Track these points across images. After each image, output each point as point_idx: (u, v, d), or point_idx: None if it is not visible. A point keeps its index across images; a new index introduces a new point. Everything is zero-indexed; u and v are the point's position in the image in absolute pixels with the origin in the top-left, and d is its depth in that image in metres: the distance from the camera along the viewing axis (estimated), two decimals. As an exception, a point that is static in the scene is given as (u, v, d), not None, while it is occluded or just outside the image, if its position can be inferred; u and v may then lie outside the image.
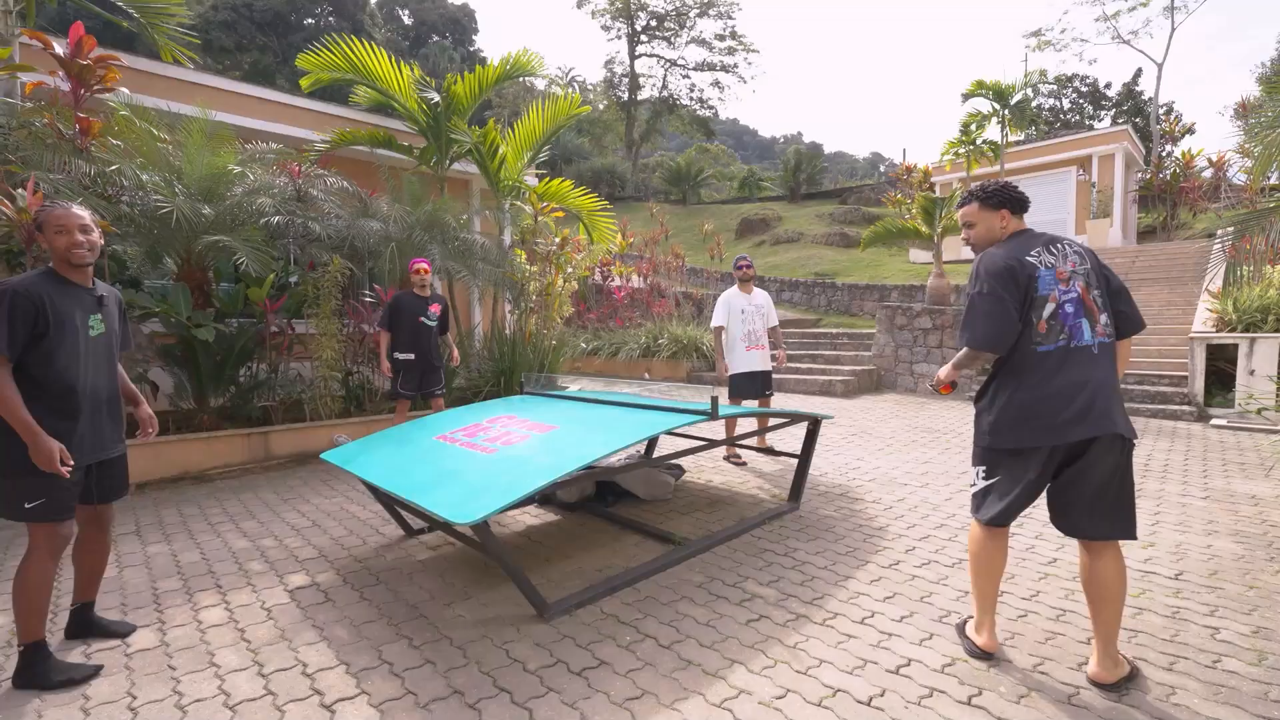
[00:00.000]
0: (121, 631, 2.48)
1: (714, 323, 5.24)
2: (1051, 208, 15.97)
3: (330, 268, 5.65)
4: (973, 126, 13.75)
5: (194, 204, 4.91)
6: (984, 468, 2.21)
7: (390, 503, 3.51)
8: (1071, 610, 2.56)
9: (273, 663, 2.27)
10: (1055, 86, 29.08)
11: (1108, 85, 29.15)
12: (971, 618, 2.37)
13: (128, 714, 1.99)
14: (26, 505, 2.12)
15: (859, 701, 1.99)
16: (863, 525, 3.61)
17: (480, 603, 2.71)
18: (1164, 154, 17.48)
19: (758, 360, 5.14)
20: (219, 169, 5.29)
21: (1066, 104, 30.14)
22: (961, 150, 13.94)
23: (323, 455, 3.35)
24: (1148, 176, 15.83)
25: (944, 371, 2.34)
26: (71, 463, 2.13)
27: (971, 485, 2.27)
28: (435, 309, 5.19)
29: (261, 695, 2.08)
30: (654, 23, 34.38)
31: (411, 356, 5.06)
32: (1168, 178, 15.28)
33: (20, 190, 4.00)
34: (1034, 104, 24.51)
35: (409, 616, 2.60)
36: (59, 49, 4.55)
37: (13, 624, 2.21)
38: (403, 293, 5.20)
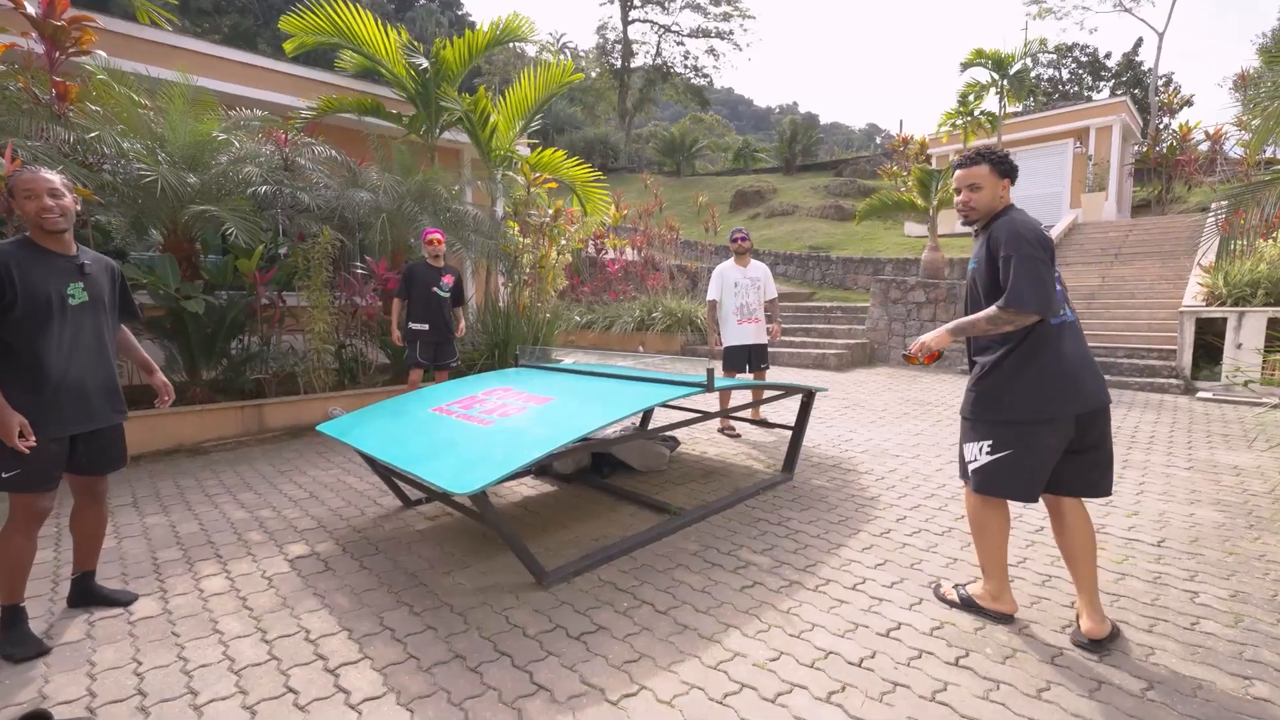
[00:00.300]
0: (123, 600, 2.50)
1: (708, 296, 5.26)
2: (1048, 180, 15.89)
3: (320, 239, 5.57)
4: (971, 97, 13.55)
5: (179, 173, 4.80)
6: (989, 443, 2.15)
7: (388, 474, 3.53)
8: (1057, 576, 2.63)
9: (275, 629, 2.31)
10: (1055, 56, 28.68)
11: (1108, 55, 28.81)
12: (948, 583, 2.52)
13: (134, 679, 2.02)
14: (3, 475, 2.10)
15: (850, 663, 2.05)
16: (855, 495, 3.67)
17: (479, 571, 2.75)
18: (1161, 126, 17.37)
19: (750, 334, 5.14)
20: (203, 136, 5.16)
21: (1065, 74, 29.78)
22: (959, 121, 13.76)
23: (319, 427, 3.35)
24: (1144, 149, 15.75)
25: (933, 337, 2.22)
26: (33, 440, 2.07)
27: (970, 461, 2.22)
28: (448, 280, 5.19)
29: (266, 660, 2.11)
30: (648, -14, 33.45)
31: (425, 327, 5.10)
32: (1164, 151, 15.22)
33: (-2, 158, 3.89)
34: (1033, 74, 24.19)
35: (409, 585, 2.64)
36: (30, 9, 4.39)
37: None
38: (416, 262, 5.21)
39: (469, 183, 8.22)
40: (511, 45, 8.43)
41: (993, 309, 2.09)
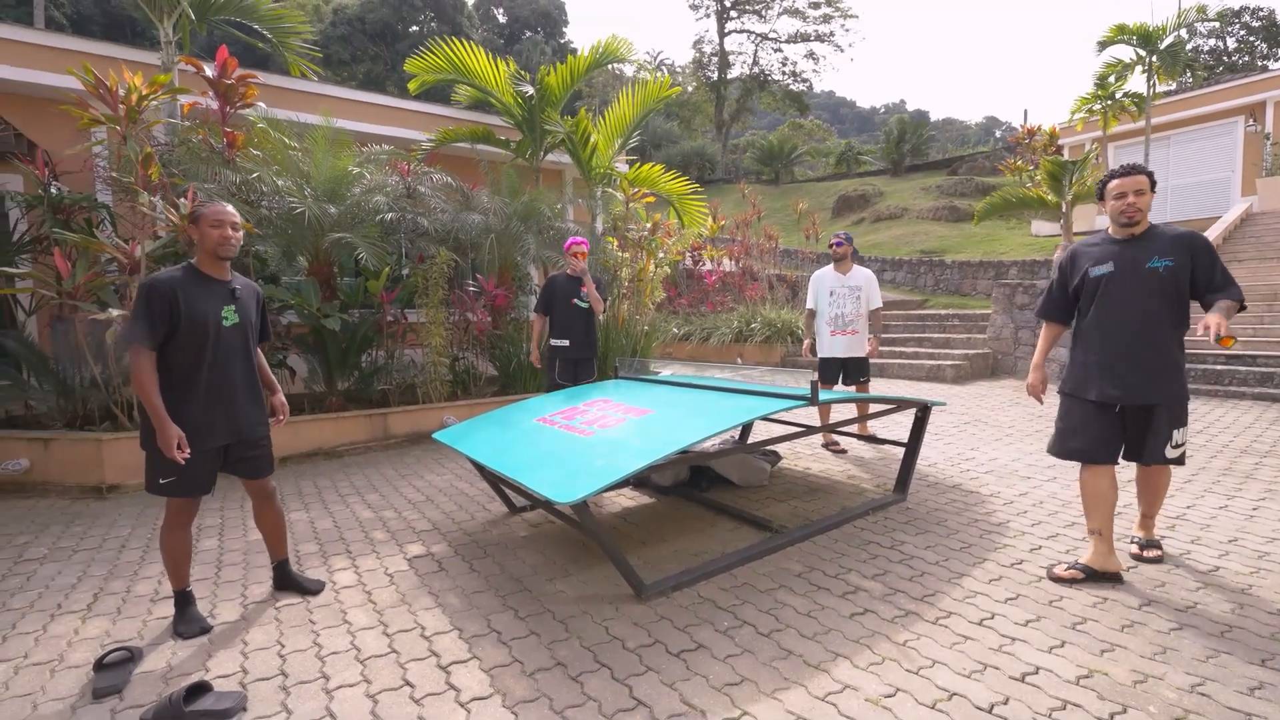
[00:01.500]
0: (313, 589, 2.74)
1: (806, 304, 5.14)
2: (1212, 165, 13.86)
3: (437, 260, 6.00)
4: (1111, 78, 12.18)
5: (321, 205, 5.38)
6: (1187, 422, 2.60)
7: (495, 481, 3.69)
8: (1238, 626, 2.23)
9: (395, 624, 2.47)
10: (1217, 24, 25.10)
11: (1287, 17, 24.77)
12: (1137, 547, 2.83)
13: (278, 660, 2.24)
14: (161, 481, 2.34)
15: (979, 708, 1.85)
16: (979, 520, 3.35)
17: (580, 580, 2.79)
18: (1365, 93, 14.58)
19: (842, 346, 4.89)
20: (340, 171, 5.75)
21: (1232, 43, 25.97)
22: (1097, 106, 12.41)
23: (434, 435, 3.57)
24: (1342, 122, 13.30)
25: (1224, 320, 2.41)
26: (188, 452, 2.25)
27: (1182, 444, 2.57)
28: (587, 289, 4.94)
29: (386, 653, 2.26)
30: (744, -3, 33.32)
31: (566, 343, 4.85)
32: (1370, 122, 12.76)
33: (182, 200, 4.57)
34: (1189, 46, 21.33)
35: (514, 589, 2.73)
36: (209, 71, 5.12)
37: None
38: (557, 274, 5.01)
39: (570, 201, 8.54)
40: (611, 67, 8.69)
41: (1233, 299, 2.48)
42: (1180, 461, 2.58)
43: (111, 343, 4.42)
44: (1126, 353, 2.57)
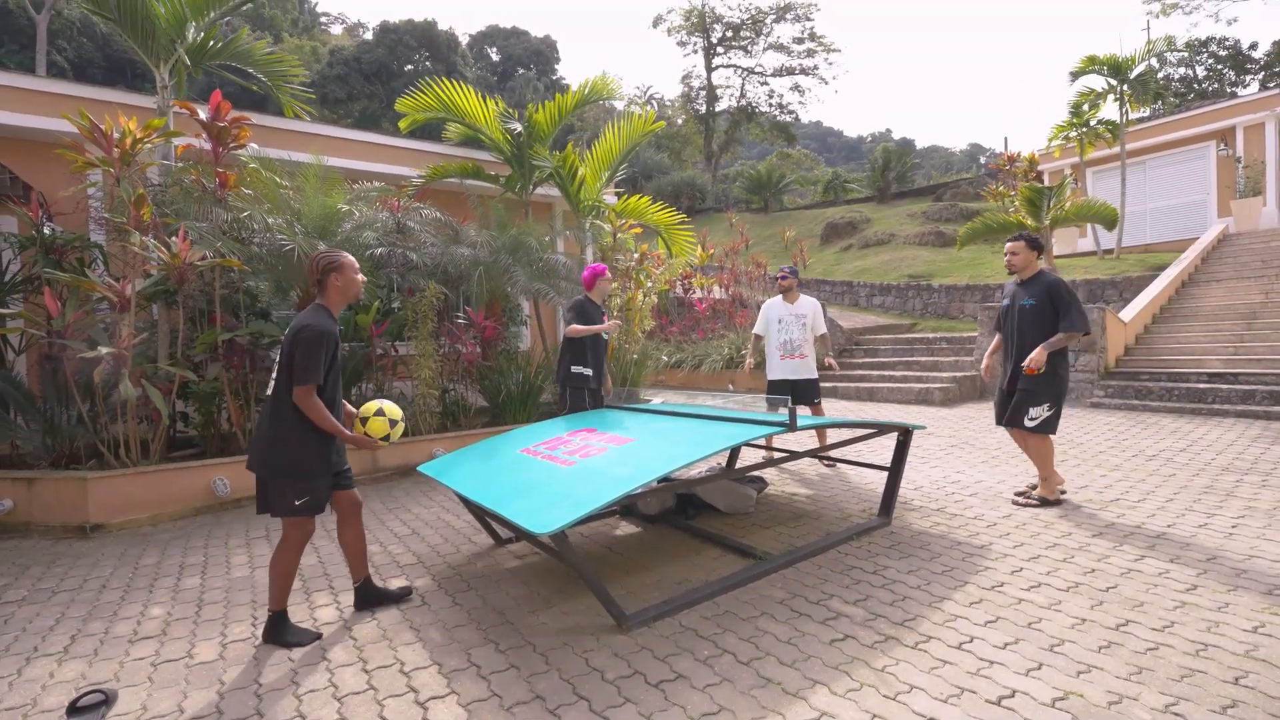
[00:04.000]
0: (400, 596, 2.93)
1: (754, 330, 5.40)
2: (1186, 189, 14.20)
3: (427, 293, 6.07)
4: (1085, 107, 12.57)
5: (311, 241, 5.46)
6: (1046, 404, 3.79)
7: (480, 513, 3.69)
8: (1214, 645, 2.24)
9: (375, 660, 2.45)
10: (1186, 54, 25.99)
11: (1253, 46, 25.68)
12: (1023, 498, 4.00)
13: (254, 699, 2.22)
14: (296, 502, 2.54)
15: (954, 733, 1.85)
16: (962, 543, 3.36)
17: (562, 611, 2.79)
18: (1331, 117, 15.05)
19: (791, 369, 5.16)
20: (330, 208, 5.85)
21: (1201, 71, 26.84)
22: (1073, 134, 12.77)
23: (419, 468, 3.59)
24: (1310, 145, 13.69)
25: (1042, 357, 3.68)
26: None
27: (1035, 417, 3.79)
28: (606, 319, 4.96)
29: (364, 690, 2.25)
30: (730, 33, 34.34)
31: (590, 373, 4.77)
32: (1337, 144, 13.14)
33: (173, 239, 4.65)
34: (1160, 75, 22.05)
35: (496, 622, 2.72)
36: (202, 114, 5.26)
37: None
38: (585, 300, 4.83)
39: (560, 233, 8.68)
40: (602, 102, 8.93)
41: (1071, 330, 3.71)
42: (1040, 430, 3.79)
43: (99, 380, 4.44)
44: (1008, 359, 4.01)
